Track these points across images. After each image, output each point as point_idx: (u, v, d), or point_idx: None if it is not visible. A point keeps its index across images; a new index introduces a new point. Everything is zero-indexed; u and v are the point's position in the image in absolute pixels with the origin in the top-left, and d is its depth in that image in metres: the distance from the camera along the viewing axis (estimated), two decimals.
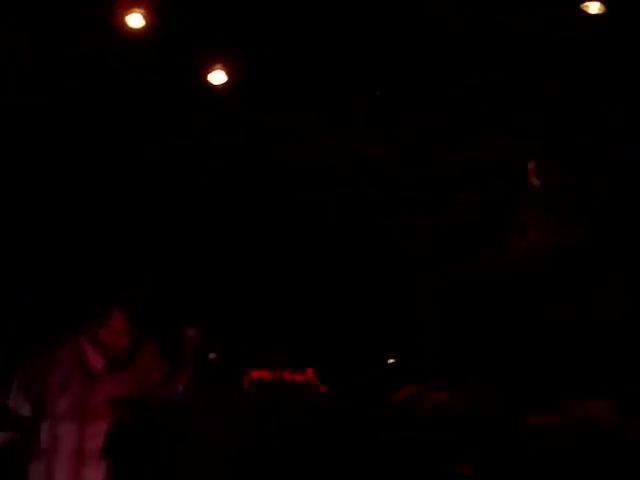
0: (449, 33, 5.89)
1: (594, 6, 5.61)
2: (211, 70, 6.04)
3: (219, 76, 6.07)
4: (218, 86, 6.09)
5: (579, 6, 5.60)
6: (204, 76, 6.06)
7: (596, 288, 7.01)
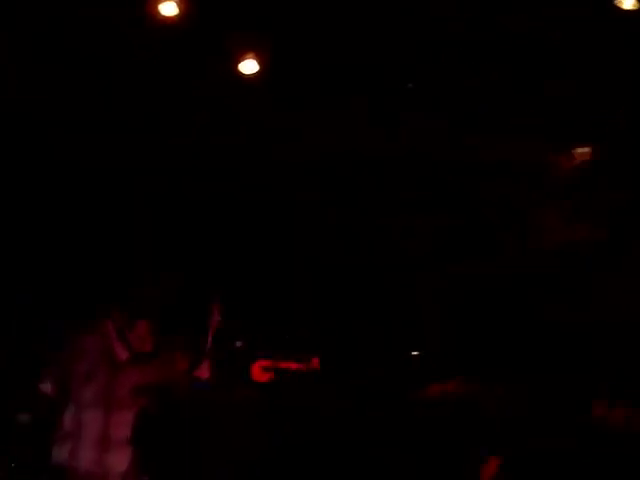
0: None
1: (628, 2, 5.38)
2: (243, 60, 5.97)
3: (251, 66, 6.01)
4: (249, 76, 6.02)
5: (613, 2, 5.39)
6: (235, 66, 5.99)
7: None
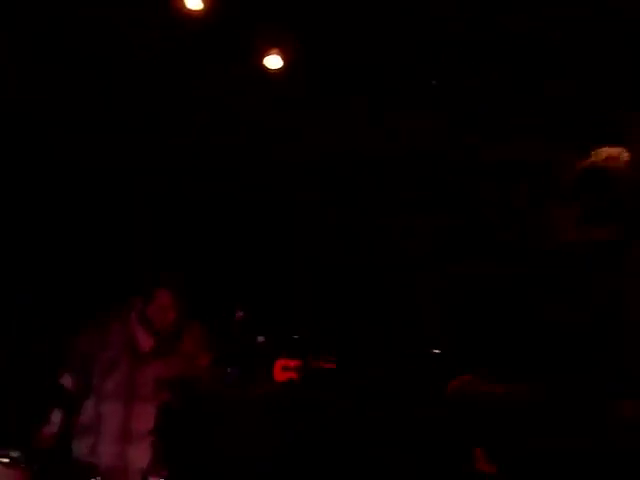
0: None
1: None
2: (267, 54, 5.92)
3: (275, 61, 5.96)
4: (273, 71, 5.96)
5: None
6: (260, 60, 5.93)
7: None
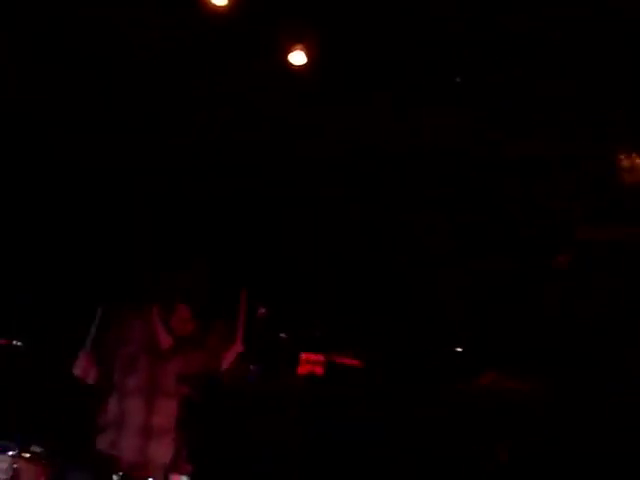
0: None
1: None
2: (291, 51, 5.93)
3: (299, 57, 5.97)
4: (296, 67, 5.97)
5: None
6: (283, 56, 5.96)
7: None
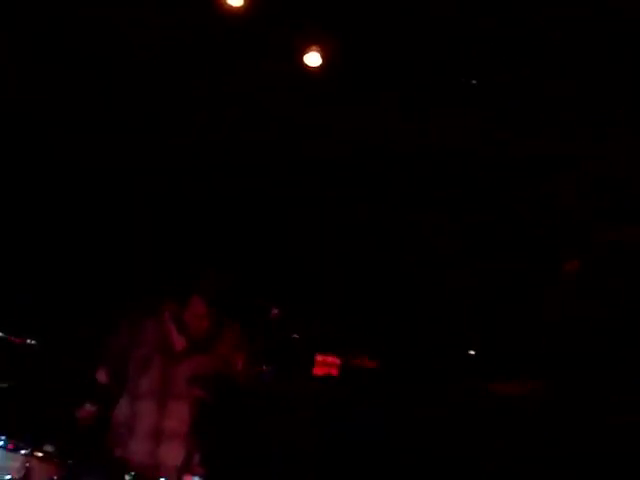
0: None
1: None
2: (302, 52, 5.92)
3: (314, 58, 5.96)
4: (304, 68, 5.96)
5: None
6: (291, 57, 5.95)
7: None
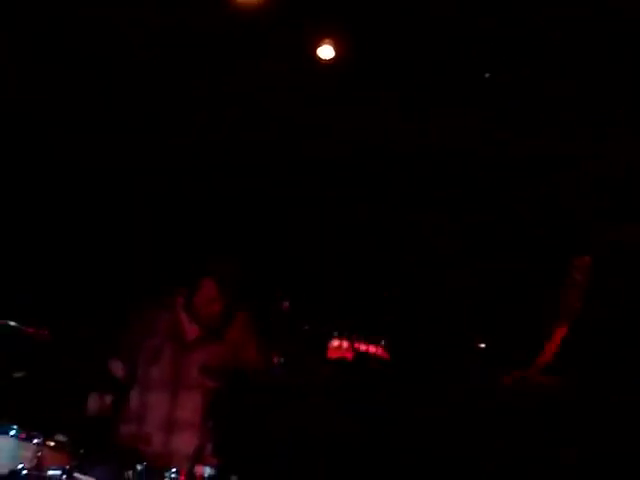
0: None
1: None
2: (320, 45, 5.91)
3: (327, 51, 5.94)
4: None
5: None
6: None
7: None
